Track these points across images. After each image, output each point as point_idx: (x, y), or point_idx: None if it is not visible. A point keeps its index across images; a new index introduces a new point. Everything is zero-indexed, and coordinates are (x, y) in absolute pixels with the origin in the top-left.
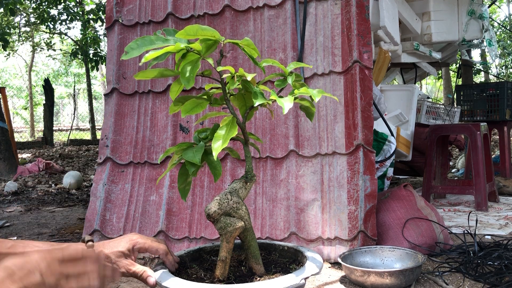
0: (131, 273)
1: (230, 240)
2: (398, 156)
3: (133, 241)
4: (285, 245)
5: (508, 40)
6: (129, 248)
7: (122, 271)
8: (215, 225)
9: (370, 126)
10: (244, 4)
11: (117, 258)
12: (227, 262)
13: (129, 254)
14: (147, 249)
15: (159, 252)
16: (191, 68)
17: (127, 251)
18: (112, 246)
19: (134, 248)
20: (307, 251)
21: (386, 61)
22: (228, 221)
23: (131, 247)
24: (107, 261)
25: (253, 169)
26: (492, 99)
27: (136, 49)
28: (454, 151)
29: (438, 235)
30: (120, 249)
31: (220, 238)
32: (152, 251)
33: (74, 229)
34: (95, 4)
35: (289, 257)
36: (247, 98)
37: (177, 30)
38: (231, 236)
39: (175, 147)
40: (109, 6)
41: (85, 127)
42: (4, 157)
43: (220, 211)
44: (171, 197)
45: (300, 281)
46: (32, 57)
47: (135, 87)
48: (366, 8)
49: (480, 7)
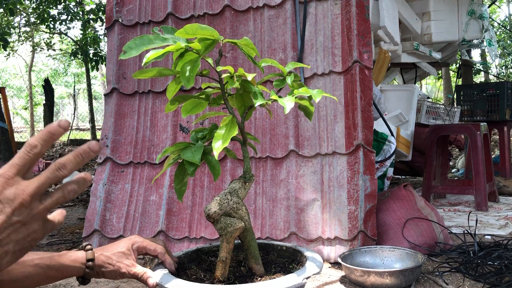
0: (132, 274)
1: (230, 241)
2: (398, 156)
3: (131, 241)
4: (283, 245)
5: (508, 40)
6: (129, 247)
7: (123, 272)
8: (215, 226)
9: (370, 126)
10: (244, 4)
11: (118, 259)
12: (227, 263)
13: (129, 253)
14: (145, 248)
15: (157, 251)
16: (190, 67)
17: (127, 251)
18: (112, 248)
19: (133, 247)
20: (306, 250)
21: (386, 61)
22: (228, 221)
23: (130, 246)
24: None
25: (251, 169)
26: (492, 99)
27: (134, 48)
28: (454, 151)
29: (438, 235)
30: (120, 249)
31: (220, 238)
32: (150, 250)
33: (74, 229)
34: (95, 4)
35: (287, 257)
36: (246, 98)
37: (176, 28)
38: (232, 236)
39: (172, 146)
40: (109, 6)
41: (85, 127)
42: (4, 157)
43: (220, 211)
44: (171, 197)
45: (302, 281)
46: (32, 57)
47: (135, 87)
48: (366, 8)
49: (480, 7)
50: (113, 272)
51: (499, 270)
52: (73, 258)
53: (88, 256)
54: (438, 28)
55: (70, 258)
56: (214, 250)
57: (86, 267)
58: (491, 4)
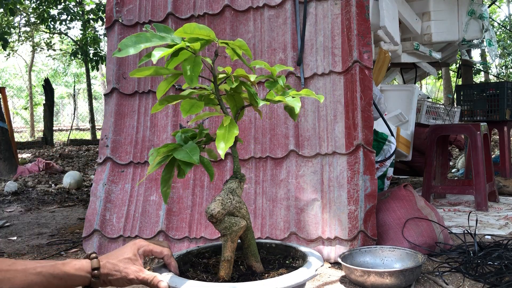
0: (141, 279)
1: (235, 240)
2: (398, 156)
3: (137, 245)
4: (272, 242)
5: (508, 40)
6: (135, 252)
7: (131, 278)
8: (218, 226)
9: (370, 126)
10: (244, 4)
11: (125, 265)
12: (232, 262)
13: (136, 258)
14: (152, 251)
15: (163, 254)
16: (191, 66)
17: (134, 256)
18: (118, 255)
19: (139, 251)
20: (299, 246)
21: (386, 61)
22: (233, 220)
23: (136, 251)
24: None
25: (240, 169)
26: (492, 99)
27: (132, 46)
28: (454, 151)
29: (438, 235)
30: (126, 255)
31: (224, 238)
32: (156, 253)
33: (74, 229)
34: (95, 4)
35: (279, 253)
36: (237, 99)
37: (168, 26)
38: (236, 235)
39: (162, 147)
40: (109, 6)
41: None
42: (4, 157)
43: (224, 211)
44: (171, 197)
45: (315, 272)
46: (32, 57)
47: (135, 87)
48: (366, 8)
49: (480, 7)
50: (121, 279)
51: (499, 270)
52: (77, 266)
53: (94, 265)
54: (438, 28)
55: (75, 267)
56: (203, 252)
57: (92, 276)
58: (491, 4)
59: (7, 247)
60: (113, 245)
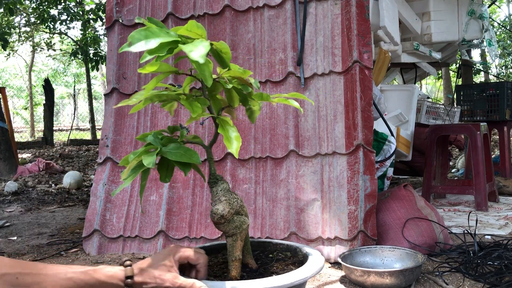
0: (178, 286)
1: (243, 238)
2: (398, 156)
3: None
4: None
5: (508, 40)
6: (170, 259)
7: (167, 286)
8: (227, 226)
9: (370, 126)
10: (244, 4)
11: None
12: (241, 261)
13: (171, 265)
14: (188, 258)
15: (199, 261)
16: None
17: (169, 262)
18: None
19: (175, 257)
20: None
21: (386, 61)
22: (241, 219)
23: (172, 257)
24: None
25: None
26: (492, 99)
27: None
28: (454, 151)
29: (438, 235)
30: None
31: (233, 237)
32: (192, 260)
33: (74, 229)
34: (95, 4)
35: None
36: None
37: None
38: (244, 233)
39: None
40: (109, 6)
41: (85, 127)
42: (4, 157)
43: (233, 210)
44: (171, 197)
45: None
46: (32, 57)
47: (135, 87)
48: (366, 8)
49: (480, 7)
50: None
51: (499, 270)
52: (110, 274)
53: (128, 273)
54: (438, 28)
55: (107, 274)
56: None
57: (125, 285)
58: (491, 4)
59: (7, 247)
60: (113, 245)
